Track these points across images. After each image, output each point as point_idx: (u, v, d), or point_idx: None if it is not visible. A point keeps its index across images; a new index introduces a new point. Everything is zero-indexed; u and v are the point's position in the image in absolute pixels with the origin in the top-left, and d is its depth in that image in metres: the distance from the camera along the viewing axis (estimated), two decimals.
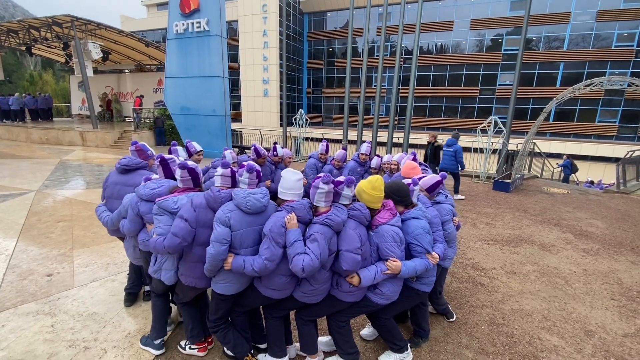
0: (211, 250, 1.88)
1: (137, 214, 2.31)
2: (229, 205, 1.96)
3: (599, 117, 23.80)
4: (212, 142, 11.73)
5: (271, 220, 1.93)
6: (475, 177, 9.67)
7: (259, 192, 2.00)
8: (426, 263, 2.13)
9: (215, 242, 1.88)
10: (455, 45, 27.16)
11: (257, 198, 1.97)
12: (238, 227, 1.93)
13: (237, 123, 28.81)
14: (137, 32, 33.34)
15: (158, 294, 2.45)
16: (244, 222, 1.95)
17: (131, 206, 2.32)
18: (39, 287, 3.25)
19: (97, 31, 13.87)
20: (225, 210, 1.93)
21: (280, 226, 1.89)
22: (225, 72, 11.26)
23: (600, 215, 6.60)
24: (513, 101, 9.77)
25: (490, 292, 3.55)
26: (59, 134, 13.61)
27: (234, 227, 1.91)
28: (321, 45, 31.90)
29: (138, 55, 17.20)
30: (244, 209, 1.94)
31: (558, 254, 4.63)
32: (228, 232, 1.90)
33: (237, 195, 1.96)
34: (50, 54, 18.04)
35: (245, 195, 1.95)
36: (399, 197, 2.22)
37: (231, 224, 1.91)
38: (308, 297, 2.07)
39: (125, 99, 19.01)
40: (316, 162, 4.49)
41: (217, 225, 1.90)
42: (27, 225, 4.92)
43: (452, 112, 28.18)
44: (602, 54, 22.71)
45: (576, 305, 3.38)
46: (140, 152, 2.91)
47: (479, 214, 6.31)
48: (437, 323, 2.97)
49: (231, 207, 1.94)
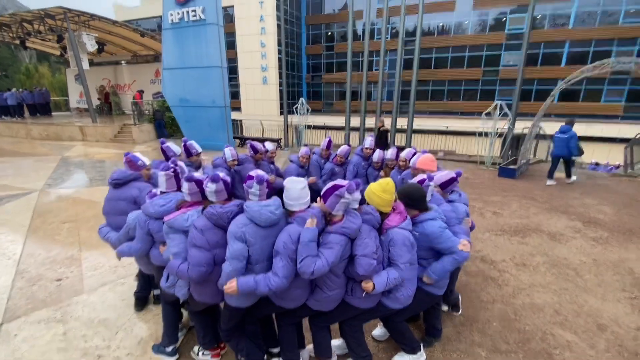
0: (228, 268, 1.82)
1: (147, 233, 2.23)
2: (242, 219, 1.88)
3: (605, 97, 23.34)
4: (213, 133, 11.62)
5: (284, 235, 1.86)
6: (481, 164, 9.56)
7: (272, 204, 1.92)
8: (456, 257, 2.08)
9: (233, 259, 1.82)
10: (457, 25, 26.42)
11: (272, 210, 1.89)
12: (254, 242, 1.86)
13: (237, 112, 28.50)
14: (131, 21, 32.62)
15: (168, 301, 2.44)
16: (259, 236, 1.88)
17: (139, 225, 2.23)
18: (49, 293, 3.25)
19: (90, 22, 13.54)
20: (239, 224, 1.85)
21: (294, 242, 1.83)
22: (224, 61, 11.02)
23: (608, 200, 6.52)
24: (520, 83, 9.49)
25: (500, 286, 3.53)
26: (59, 129, 13.50)
27: (249, 242, 1.85)
28: (320, 29, 31.10)
29: (134, 46, 16.86)
30: (258, 222, 1.86)
31: (567, 243, 4.59)
32: (245, 247, 1.83)
33: (250, 208, 1.87)
34: (45, 47, 17.71)
35: (259, 209, 1.86)
36: (412, 200, 2.15)
37: (247, 239, 1.83)
38: (321, 304, 2.04)
39: (123, 90, 18.76)
40: (318, 159, 4.39)
41: (232, 241, 1.83)
42: (32, 227, 4.91)
43: (454, 95, 27.71)
44: (609, 32, 22.05)
45: (587, 297, 3.36)
46: (130, 164, 2.80)
47: (485, 203, 6.25)
48: (448, 321, 2.96)
49: (244, 220, 1.87)
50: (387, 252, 2.02)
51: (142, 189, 2.71)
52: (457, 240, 2.10)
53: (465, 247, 2.09)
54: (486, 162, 9.39)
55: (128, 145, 12.32)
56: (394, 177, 3.79)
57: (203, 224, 1.91)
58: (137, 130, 13.02)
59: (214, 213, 1.90)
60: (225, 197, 2.02)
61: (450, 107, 27.66)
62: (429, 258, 2.20)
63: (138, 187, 2.71)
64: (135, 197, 2.66)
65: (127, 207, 2.63)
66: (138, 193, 2.67)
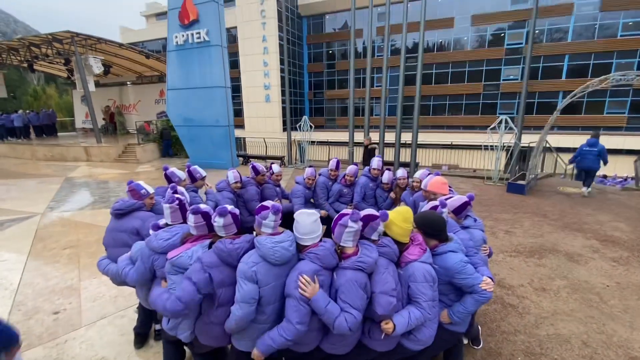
0: (238, 312, 1.67)
1: (149, 269, 2.09)
2: (253, 257, 1.74)
3: (607, 109, 23.33)
4: (217, 152, 11.61)
5: (294, 276, 1.71)
6: (488, 179, 9.41)
7: (286, 240, 1.78)
8: (478, 298, 1.93)
9: (243, 302, 1.67)
10: (457, 41, 26.84)
11: (286, 247, 1.74)
12: (266, 282, 1.71)
13: (240, 130, 28.75)
14: (136, 42, 33.51)
15: (170, 340, 2.28)
16: (272, 275, 1.73)
17: (142, 259, 2.08)
18: (45, 328, 3.09)
19: (97, 45, 13.83)
20: (249, 263, 1.71)
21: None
22: (227, 81, 11.13)
23: (622, 216, 6.32)
24: (524, 97, 9.46)
25: (521, 315, 3.33)
26: (64, 150, 13.57)
27: (261, 283, 1.70)
28: (321, 47, 31.72)
29: (139, 67, 17.17)
30: (271, 260, 1.71)
31: (587, 264, 4.38)
32: (256, 289, 1.69)
33: (263, 245, 1.72)
34: (52, 69, 18.08)
35: (272, 245, 1.72)
36: (433, 230, 2.00)
37: (258, 279, 1.69)
38: (336, 348, 1.87)
39: (128, 111, 19.01)
40: (326, 181, 4.25)
41: (242, 282, 1.69)
42: (32, 253, 4.78)
43: (456, 110, 27.84)
44: (608, 45, 22.27)
45: (615, 326, 3.15)
46: (133, 193, 2.69)
47: (496, 221, 6.07)
48: (469, 356, 2.76)
49: (256, 259, 1.72)
50: (406, 288, 1.87)
51: (145, 219, 2.60)
52: (479, 278, 1.94)
53: (489, 287, 1.94)
54: (493, 177, 9.25)
55: (132, 165, 12.33)
56: (405, 199, 3.67)
57: (210, 260, 1.77)
58: (141, 150, 13.06)
59: (224, 250, 1.77)
60: (235, 231, 1.89)
61: (452, 121, 27.75)
62: (449, 293, 2.04)
63: (140, 218, 2.59)
64: (138, 228, 2.55)
65: (129, 239, 2.51)
66: (141, 224, 2.55)
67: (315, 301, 1.66)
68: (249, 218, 3.84)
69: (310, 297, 1.65)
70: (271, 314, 1.80)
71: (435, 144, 20.30)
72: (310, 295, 1.66)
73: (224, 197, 3.66)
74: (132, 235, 2.54)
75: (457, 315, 1.99)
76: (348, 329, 1.66)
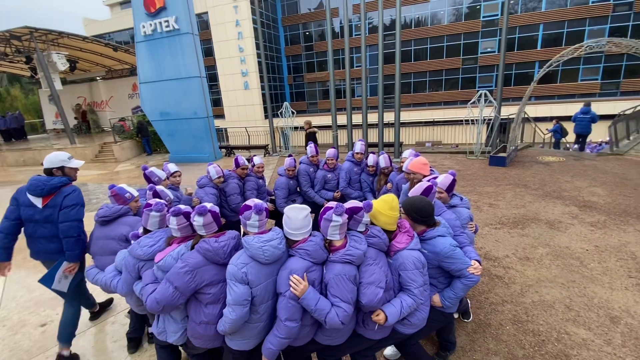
0: (232, 315, 1.65)
1: (135, 278, 2.02)
2: (242, 257, 1.70)
3: (581, 76, 23.85)
4: (198, 145, 11.34)
5: (285, 275, 1.69)
6: (470, 154, 9.56)
7: (275, 238, 1.74)
8: (466, 282, 1.97)
9: (236, 305, 1.64)
10: (434, 16, 26.60)
11: (275, 245, 1.71)
12: (257, 282, 1.69)
13: (221, 120, 28.07)
14: (102, 35, 31.82)
15: (163, 346, 2.25)
16: (263, 275, 1.70)
17: (127, 269, 2.01)
18: (33, 342, 3.01)
19: (59, 40, 13.04)
20: (238, 264, 1.67)
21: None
22: (202, 70, 10.75)
23: (599, 181, 6.57)
24: (502, 69, 9.46)
25: (507, 285, 3.45)
26: (36, 154, 12.97)
27: (252, 283, 1.67)
28: (297, 29, 30.88)
29: (107, 61, 16.35)
30: (261, 260, 1.68)
31: (567, 231, 4.56)
32: (248, 290, 1.66)
33: (251, 245, 1.69)
34: (14, 69, 17.01)
35: (262, 245, 1.68)
36: (421, 216, 2.00)
37: (249, 279, 1.66)
38: (332, 339, 1.88)
39: (101, 107, 18.21)
40: (307, 168, 4.20)
41: (233, 284, 1.65)
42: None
43: (436, 85, 27.90)
44: (580, 12, 22.54)
45: (596, 288, 3.31)
46: (117, 198, 2.59)
47: (480, 195, 6.21)
48: (460, 329, 2.85)
49: (245, 259, 1.69)
50: (397, 276, 1.88)
51: (133, 224, 2.52)
52: (467, 262, 1.97)
53: (476, 271, 1.98)
54: (475, 151, 9.40)
55: (111, 165, 11.92)
56: (392, 180, 3.67)
57: (195, 262, 1.72)
58: (119, 148, 12.62)
59: (209, 249, 1.72)
60: (216, 229, 1.85)
61: (433, 98, 27.85)
62: (439, 277, 2.07)
63: (128, 224, 2.51)
64: (126, 235, 2.46)
65: (118, 246, 2.44)
66: (129, 230, 2.47)
67: (305, 299, 1.65)
68: (231, 213, 3.78)
69: (300, 296, 1.64)
70: (264, 312, 1.78)
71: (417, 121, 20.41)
72: (300, 294, 1.64)
73: (207, 193, 3.57)
74: (121, 242, 2.46)
75: (448, 301, 2.04)
76: (340, 323, 1.67)
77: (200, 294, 1.78)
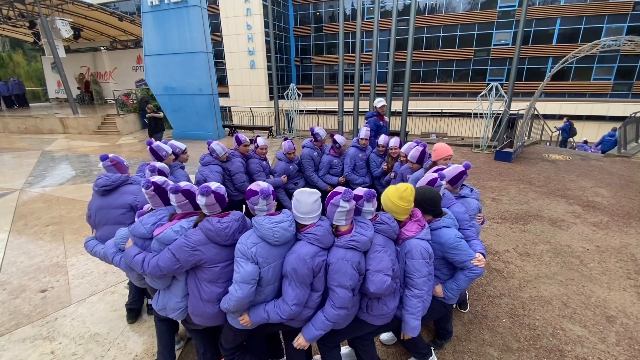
0: (238, 293, 1.63)
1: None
2: (252, 237, 1.68)
3: (594, 75, 23.35)
4: (201, 123, 11.21)
5: (292, 258, 1.66)
6: (476, 147, 9.46)
7: (286, 220, 1.71)
8: (469, 274, 1.96)
9: (243, 283, 1.62)
10: (448, 3, 25.81)
11: (285, 227, 1.68)
12: (266, 263, 1.67)
13: (225, 98, 27.75)
14: (108, 3, 30.98)
15: (162, 319, 2.26)
16: (272, 256, 1.68)
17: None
18: (33, 307, 3.05)
19: (64, 6, 12.74)
20: (248, 244, 1.65)
21: (307, 267, 1.64)
22: (209, 46, 10.51)
23: (604, 182, 6.51)
24: (516, 62, 9.22)
25: (506, 279, 3.46)
26: (38, 122, 12.87)
27: (262, 264, 1.66)
28: (307, 9, 30.04)
29: (112, 31, 16.00)
30: (271, 241, 1.66)
31: (569, 229, 4.54)
32: (256, 269, 1.64)
33: (261, 225, 1.66)
34: (17, 33, 16.69)
35: (272, 226, 1.65)
36: (430, 206, 1.97)
37: (259, 260, 1.65)
38: (335, 324, 1.88)
39: (104, 79, 17.95)
40: (311, 152, 4.10)
41: (241, 262, 1.64)
42: (13, 231, 4.63)
43: (446, 76, 27.37)
44: (599, 8, 21.84)
45: (594, 287, 3.31)
46: (118, 166, 2.55)
47: (484, 189, 6.17)
48: (457, 319, 2.87)
49: (255, 239, 1.67)
50: (403, 264, 1.86)
51: (137, 192, 2.49)
52: (472, 254, 1.95)
53: (480, 263, 1.96)
54: (481, 145, 9.29)
55: (113, 137, 11.85)
56: (396, 170, 3.63)
57: (197, 239, 1.70)
58: (122, 121, 12.50)
59: (211, 229, 1.70)
60: (219, 211, 1.82)
61: (441, 88, 27.39)
62: (442, 268, 2.06)
63: (132, 192, 2.48)
64: (131, 204, 2.44)
65: (124, 217, 2.42)
66: (133, 198, 2.45)
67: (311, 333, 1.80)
68: (234, 192, 3.74)
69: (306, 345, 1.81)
70: (269, 294, 1.77)
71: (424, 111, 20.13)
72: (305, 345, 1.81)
73: (212, 171, 3.51)
74: (128, 212, 2.45)
75: (450, 292, 2.04)
76: (338, 314, 1.71)
77: (200, 270, 1.77)
